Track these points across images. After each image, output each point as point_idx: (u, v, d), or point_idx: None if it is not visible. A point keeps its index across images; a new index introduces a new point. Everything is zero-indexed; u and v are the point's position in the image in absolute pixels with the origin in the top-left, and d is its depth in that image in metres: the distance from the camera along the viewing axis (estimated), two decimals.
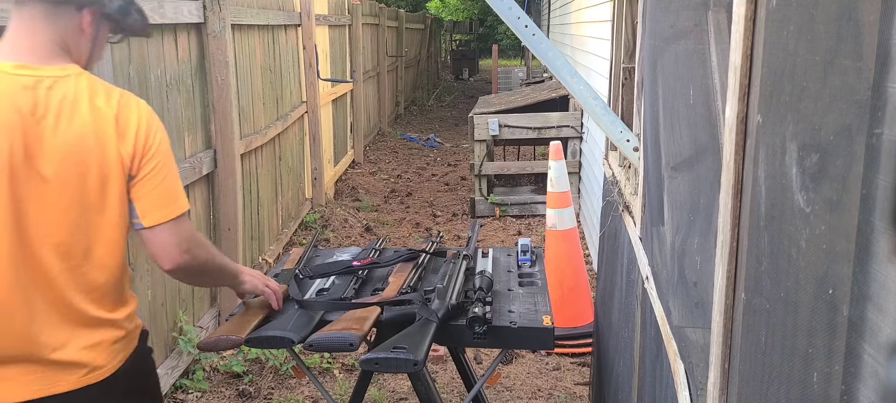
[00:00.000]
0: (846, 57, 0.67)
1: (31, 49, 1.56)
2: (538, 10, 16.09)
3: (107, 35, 1.73)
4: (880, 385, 0.60)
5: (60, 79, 1.57)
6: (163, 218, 1.66)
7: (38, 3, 1.56)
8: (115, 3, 1.67)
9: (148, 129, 1.66)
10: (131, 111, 1.65)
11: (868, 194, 0.61)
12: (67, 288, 1.59)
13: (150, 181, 1.65)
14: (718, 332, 1.07)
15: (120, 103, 1.64)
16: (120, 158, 1.61)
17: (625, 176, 2.64)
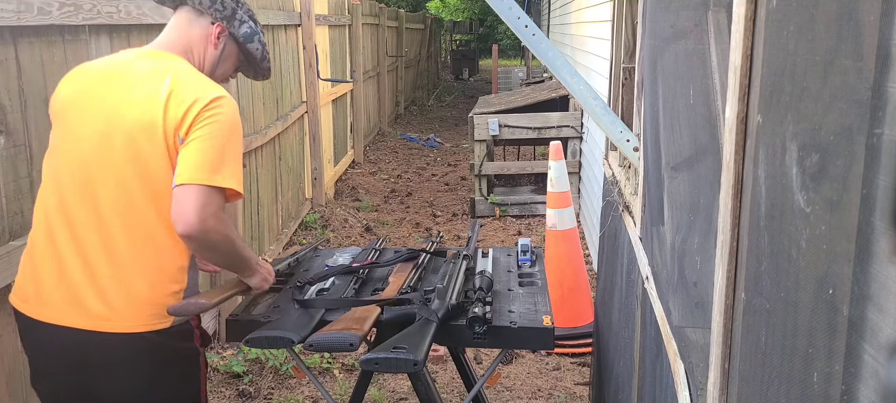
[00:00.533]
0: (846, 57, 0.67)
1: (163, 42, 1.93)
2: (538, 10, 16.09)
3: (234, 56, 2.02)
4: (880, 385, 0.60)
5: (160, 58, 1.86)
6: (190, 180, 1.70)
7: (185, 10, 1.95)
8: (243, 27, 1.97)
9: (202, 106, 1.75)
10: (189, 91, 1.77)
11: (868, 194, 0.61)
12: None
13: (192, 145, 1.74)
14: (718, 332, 1.07)
15: (180, 84, 1.78)
16: (160, 126, 1.74)
17: (625, 176, 2.64)
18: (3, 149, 2.22)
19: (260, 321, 2.09)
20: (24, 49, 2.32)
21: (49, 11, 2.38)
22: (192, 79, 1.82)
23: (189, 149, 1.72)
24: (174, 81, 1.77)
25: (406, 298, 2.11)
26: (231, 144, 1.78)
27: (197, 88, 1.78)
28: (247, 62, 2.07)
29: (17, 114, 2.29)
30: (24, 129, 2.32)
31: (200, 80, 1.83)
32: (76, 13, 2.54)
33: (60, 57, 2.53)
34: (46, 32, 2.44)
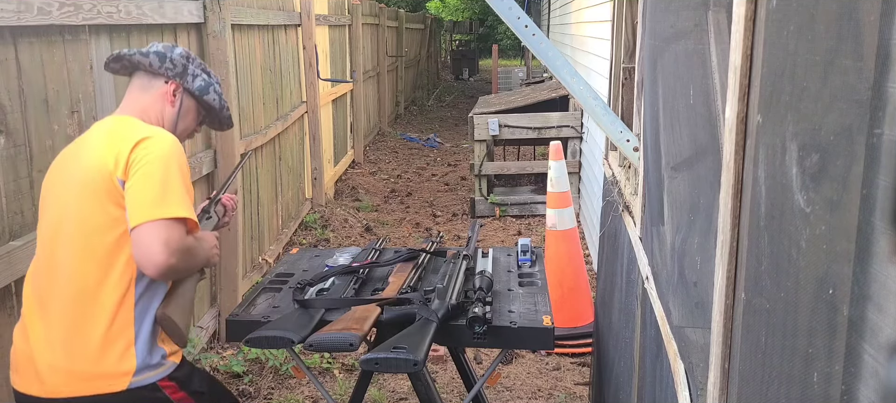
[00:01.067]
0: (846, 57, 0.67)
1: (122, 109, 1.94)
2: (538, 10, 16.09)
3: (194, 110, 2.04)
4: (880, 385, 0.60)
5: (112, 122, 1.89)
6: (142, 220, 1.69)
7: (138, 75, 1.97)
8: (197, 81, 2.00)
9: (130, 147, 1.75)
10: (121, 138, 1.79)
11: (868, 194, 0.61)
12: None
13: (132, 188, 1.73)
14: (718, 332, 1.07)
15: (115, 134, 1.81)
16: (106, 171, 1.75)
17: (625, 176, 2.64)
18: (3, 149, 2.22)
19: (260, 321, 2.09)
20: (24, 49, 2.32)
21: (49, 11, 2.38)
22: (127, 127, 1.83)
23: (131, 192, 1.72)
24: (111, 133, 1.81)
25: (406, 298, 2.11)
26: (169, 174, 1.75)
27: (129, 134, 1.79)
28: (207, 114, 2.09)
29: (17, 114, 2.29)
30: (24, 129, 2.32)
31: (135, 127, 1.83)
32: (76, 13, 2.54)
33: (60, 57, 2.53)
34: (46, 32, 2.44)
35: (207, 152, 3.94)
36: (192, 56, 2.02)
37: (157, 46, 1.96)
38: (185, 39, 3.70)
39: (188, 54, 2.01)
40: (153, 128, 1.84)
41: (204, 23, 3.86)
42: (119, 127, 1.84)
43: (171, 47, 1.98)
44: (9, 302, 2.22)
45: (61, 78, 2.53)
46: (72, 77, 2.60)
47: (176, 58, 1.96)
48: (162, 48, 1.96)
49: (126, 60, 1.94)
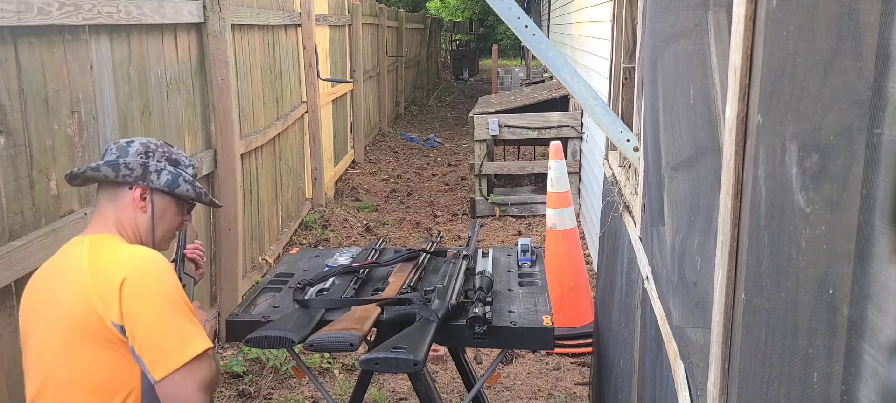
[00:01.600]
0: (846, 57, 0.67)
1: (94, 228, 1.77)
2: (538, 10, 16.09)
3: (171, 209, 1.84)
4: (880, 385, 0.60)
5: (84, 246, 1.70)
6: (168, 370, 1.60)
7: (101, 189, 1.79)
8: (163, 176, 1.80)
9: (126, 286, 1.60)
10: (102, 280, 1.61)
11: (868, 194, 0.61)
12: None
13: (143, 339, 1.60)
14: (718, 332, 1.07)
15: (101, 264, 1.64)
16: (95, 315, 1.59)
17: (625, 176, 2.64)
18: (3, 149, 2.22)
19: (260, 321, 2.09)
20: (24, 49, 2.32)
21: (49, 11, 2.38)
22: (106, 255, 1.67)
23: (146, 344, 1.59)
24: (91, 267, 1.64)
25: (406, 298, 2.11)
26: (176, 307, 1.64)
27: (109, 266, 1.63)
28: (188, 204, 1.90)
29: (17, 114, 2.29)
30: (24, 129, 2.32)
31: (113, 254, 1.67)
32: (76, 13, 2.54)
33: (60, 57, 2.53)
34: (46, 32, 2.44)
35: (207, 152, 3.94)
36: (153, 147, 1.81)
37: (109, 155, 1.77)
38: (185, 39, 3.70)
39: (147, 148, 1.80)
40: (132, 254, 1.68)
41: (204, 23, 3.86)
42: (97, 256, 1.66)
43: (126, 147, 1.78)
44: (9, 301, 2.22)
45: (61, 78, 2.53)
46: (72, 77, 2.60)
47: (131, 161, 1.76)
48: (114, 155, 1.76)
49: (82, 177, 1.77)
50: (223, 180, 4.07)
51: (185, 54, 3.70)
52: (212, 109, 4.00)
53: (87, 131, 2.70)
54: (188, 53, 3.74)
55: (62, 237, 2.33)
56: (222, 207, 4.04)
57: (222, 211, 4.09)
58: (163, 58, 3.41)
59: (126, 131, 3.01)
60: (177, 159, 1.85)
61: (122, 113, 2.98)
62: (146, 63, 3.23)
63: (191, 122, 3.75)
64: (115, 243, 1.71)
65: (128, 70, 3.05)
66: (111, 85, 2.89)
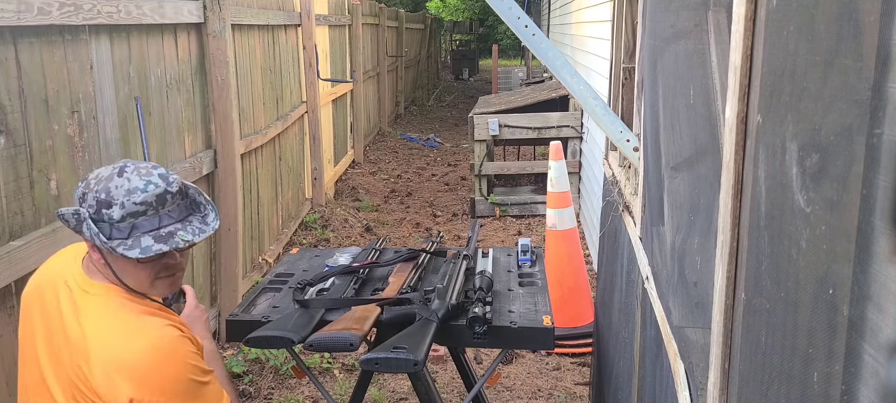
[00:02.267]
0: (846, 57, 0.67)
1: (88, 264, 1.58)
2: (538, 10, 16.08)
3: (131, 264, 1.52)
4: (880, 385, 0.60)
5: (86, 295, 1.54)
6: None
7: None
8: (87, 230, 1.47)
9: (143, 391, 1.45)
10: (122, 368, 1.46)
11: (868, 194, 0.61)
12: None
13: None
14: (718, 332, 1.07)
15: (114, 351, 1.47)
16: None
17: (625, 176, 2.64)
18: (3, 149, 2.22)
19: (260, 321, 2.08)
20: (24, 49, 2.32)
21: (49, 11, 2.38)
22: (106, 352, 1.47)
23: None
24: (93, 354, 1.46)
25: (406, 298, 2.11)
26: (192, 390, 1.51)
27: (111, 379, 1.45)
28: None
29: (17, 114, 2.29)
30: (24, 129, 2.32)
31: (112, 353, 1.47)
32: (76, 13, 2.54)
33: (60, 57, 2.53)
34: (46, 32, 2.44)
35: (207, 152, 3.94)
36: (84, 191, 1.50)
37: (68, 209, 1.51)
38: (185, 39, 3.70)
39: (81, 193, 1.51)
40: (137, 355, 1.46)
41: (204, 23, 3.86)
42: (98, 331, 1.48)
43: (77, 192, 1.53)
44: (9, 301, 2.22)
45: (61, 78, 2.53)
46: (72, 77, 2.60)
47: (67, 214, 1.48)
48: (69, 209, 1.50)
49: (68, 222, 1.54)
50: (223, 180, 4.07)
51: (185, 54, 3.70)
52: (212, 109, 4.00)
53: (87, 131, 2.70)
54: (188, 53, 3.74)
55: (62, 237, 2.33)
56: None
57: (222, 212, 4.09)
58: (163, 58, 3.41)
59: (126, 131, 3.01)
60: (109, 200, 1.47)
61: (122, 113, 2.98)
62: (146, 63, 3.22)
63: (191, 122, 3.75)
64: (114, 307, 1.52)
65: (128, 70, 3.04)
66: (111, 85, 2.89)
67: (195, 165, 3.70)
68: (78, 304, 1.52)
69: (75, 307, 1.52)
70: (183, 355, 1.51)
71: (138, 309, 1.54)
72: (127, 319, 1.50)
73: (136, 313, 1.52)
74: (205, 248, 3.97)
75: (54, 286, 1.57)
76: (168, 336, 1.51)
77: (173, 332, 1.52)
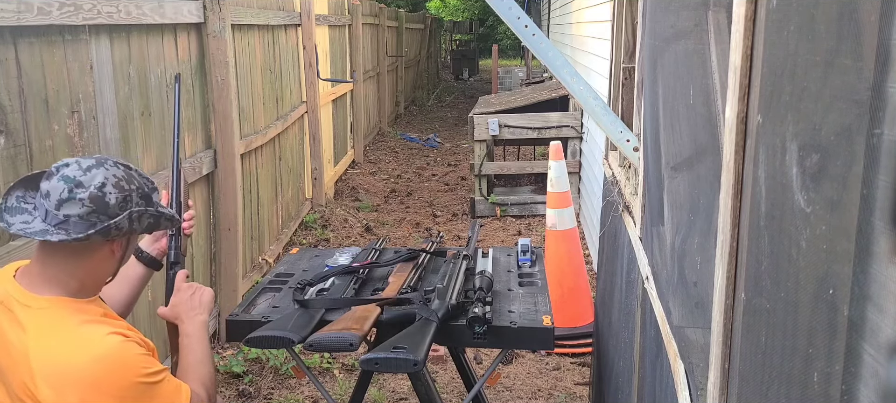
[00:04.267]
0: (846, 57, 0.67)
1: (34, 276, 1.52)
2: (538, 10, 16.09)
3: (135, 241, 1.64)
4: (880, 385, 0.60)
5: (28, 310, 1.49)
6: None
7: (59, 244, 1.46)
8: (144, 222, 1.55)
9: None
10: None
11: (868, 194, 0.61)
12: None
13: None
14: (718, 332, 1.07)
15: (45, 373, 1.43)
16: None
17: (625, 176, 2.64)
18: (3, 149, 2.22)
19: (260, 321, 2.09)
20: (24, 49, 2.32)
21: (49, 11, 2.38)
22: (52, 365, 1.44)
23: None
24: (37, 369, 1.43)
25: (406, 298, 2.11)
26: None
27: (61, 390, 1.42)
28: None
29: (17, 114, 2.29)
30: (23, 129, 2.32)
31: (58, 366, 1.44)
32: (76, 13, 2.54)
33: (60, 57, 2.53)
34: (46, 32, 2.44)
35: (207, 152, 3.94)
36: (126, 188, 1.53)
37: (75, 207, 1.47)
38: (185, 39, 3.70)
39: (122, 198, 1.52)
40: (83, 369, 1.45)
41: (204, 23, 3.86)
42: (44, 347, 1.46)
43: (100, 197, 1.50)
44: None
45: (61, 78, 2.53)
46: (72, 77, 2.60)
47: (121, 221, 1.52)
48: (87, 209, 1.48)
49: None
50: (223, 180, 4.07)
51: (185, 54, 3.70)
52: (212, 109, 4.00)
53: (87, 131, 2.70)
54: (188, 53, 3.74)
55: None
56: (209, 208, 4.04)
57: (222, 212, 4.09)
58: (163, 58, 3.41)
59: (126, 131, 3.01)
60: (148, 193, 1.57)
61: (122, 113, 2.98)
62: (146, 63, 3.22)
63: (191, 122, 3.75)
64: (58, 319, 1.48)
65: (128, 70, 3.04)
66: (111, 85, 2.89)
67: (195, 165, 3.70)
68: (20, 320, 1.47)
69: (17, 324, 1.47)
70: (128, 360, 1.48)
71: (81, 319, 1.50)
72: (70, 331, 1.47)
73: (79, 323, 1.48)
74: (205, 248, 3.97)
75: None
76: (111, 343, 1.47)
77: (116, 339, 1.49)
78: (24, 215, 1.48)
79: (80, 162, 1.48)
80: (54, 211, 1.44)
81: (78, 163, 1.47)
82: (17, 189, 1.51)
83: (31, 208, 1.49)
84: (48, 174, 1.47)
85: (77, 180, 1.45)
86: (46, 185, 1.46)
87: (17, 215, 1.48)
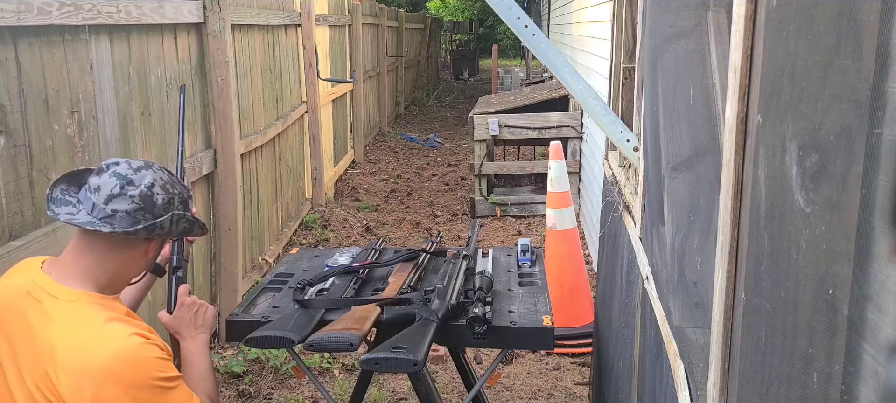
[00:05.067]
0: (846, 57, 0.67)
1: (66, 268, 1.55)
2: (538, 10, 16.08)
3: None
4: (880, 385, 0.60)
5: (57, 301, 1.52)
6: None
7: (101, 236, 1.52)
8: (180, 225, 1.62)
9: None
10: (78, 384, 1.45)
11: (868, 194, 0.61)
12: None
13: None
14: (718, 332, 1.07)
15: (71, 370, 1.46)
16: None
17: (625, 176, 2.64)
18: (3, 149, 2.22)
19: (260, 321, 2.08)
20: (24, 49, 2.32)
21: (49, 11, 2.38)
22: (71, 368, 1.47)
23: None
24: (60, 373, 1.46)
25: (406, 298, 2.11)
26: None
27: (78, 389, 1.46)
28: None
29: (17, 114, 2.29)
30: (23, 129, 2.32)
31: (81, 372, 1.46)
32: (76, 13, 2.54)
33: (60, 57, 2.53)
34: (46, 32, 2.44)
35: (207, 152, 3.94)
36: (170, 192, 1.63)
37: (123, 203, 1.54)
38: (185, 39, 3.70)
39: (169, 198, 1.62)
40: (107, 362, 1.50)
41: (204, 23, 3.86)
42: (76, 336, 1.52)
43: (149, 196, 1.58)
44: None
45: (61, 78, 2.53)
46: (72, 77, 2.60)
47: (164, 221, 1.60)
48: (135, 206, 1.56)
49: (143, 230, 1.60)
50: (223, 180, 4.07)
51: (185, 54, 3.70)
52: (212, 109, 4.00)
53: (87, 131, 2.70)
54: (188, 53, 3.74)
55: (62, 237, 2.33)
56: (209, 208, 4.04)
57: (222, 212, 4.09)
58: (163, 58, 3.41)
59: (126, 131, 3.01)
60: (186, 198, 1.66)
61: (122, 113, 2.98)
62: (146, 63, 3.22)
63: (191, 122, 3.75)
64: (85, 314, 1.52)
65: (128, 70, 3.04)
66: (111, 85, 2.89)
67: (195, 165, 3.70)
68: (47, 311, 1.51)
69: (44, 314, 1.51)
70: (146, 360, 1.51)
71: (108, 316, 1.53)
72: (96, 326, 1.51)
73: (105, 320, 1.52)
74: (205, 248, 3.97)
75: (16, 299, 1.55)
76: (132, 342, 1.51)
77: (137, 339, 1.52)
78: (68, 206, 1.55)
79: (130, 162, 1.57)
80: (103, 205, 1.51)
81: (128, 163, 1.56)
82: (62, 182, 1.58)
83: (75, 201, 1.56)
84: (99, 170, 1.55)
85: (128, 178, 1.53)
86: (97, 180, 1.53)
87: (62, 205, 1.55)
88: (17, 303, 1.54)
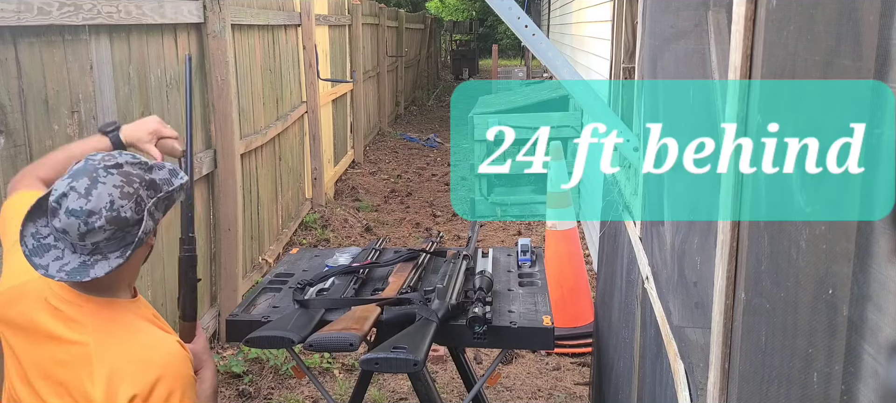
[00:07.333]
0: (846, 57, 0.67)
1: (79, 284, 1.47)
2: (538, 10, 16.08)
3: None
4: (880, 385, 0.60)
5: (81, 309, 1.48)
6: None
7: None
8: (160, 211, 1.52)
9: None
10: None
11: (868, 194, 0.61)
12: None
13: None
14: (718, 332, 1.07)
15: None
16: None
17: (625, 176, 2.64)
18: (4, 149, 2.22)
19: (260, 321, 2.09)
20: (24, 49, 2.32)
21: (49, 11, 2.38)
22: (112, 370, 1.44)
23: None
24: (96, 374, 1.43)
25: (406, 298, 2.11)
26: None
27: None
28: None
29: (17, 114, 2.29)
30: (24, 129, 2.32)
31: (120, 374, 1.44)
32: (76, 13, 2.54)
33: (60, 57, 2.53)
34: (46, 32, 2.44)
35: (207, 152, 3.94)
36: (142, 192, 1.51)
37: (106, 219, 1.42)
38: (185, 39, 3.70)
39: (137, 200, 1.49)
40: (155, 356, 1.53)
41: (204, 23, 3.86)
42: (117, 339, 1.50)
43: (116, 211, 1.45)
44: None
45: (61, 78, 2.53)
46: (72, 77, 2.60)
47: (149, 226, 1.52)
48: (126, 214, 1.45)
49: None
50: (223, 180, 4.07)
51: (185, 54, 3.70)
52: (211, 109, 4.00)
53: (87, 131, 2.70)
54: (188, 53, 3.73)
55: None
56: (209, 208, 4.04)
57: (222, 212, 4.09)
58: (163, 58, 3.41)
59: None
60: (148, 180, 1.49)
61: (122, 113, 2.98)
62: (146, 63, 3.22)
63: None
64: (121, 320, 1.50)
65: (128, 70, 3.04)
66: (111, 85, 2.89)
67: (195, 165, 3.69)
68: (75, 317, 1.47)
69: (71, 321, 1.47)
70: (187, 360, 1.55)
71: (143, 324, 1.54)
72: (140, 331, 1.52)
73: (145, 327, 1.53)
74: (205, 248, 3.97)
75: (30, 306, 1.50)
76: (179, 352, 1.53)
77: (182, 350, 1.55)
78: (51, 252, 1.42)
79: (74, 186, 1.39)
80: (80, 243, 1.40)
81: (74, 190, 1.39)
82: (27, 227, 1.44)
83: (51, 240, 1.42)
84: (52, 211, 1.40)
85: (86, 210, 1.38)
86: (59, 224, 1.39)
87: (45, 255, 1.41)
88: (29, 311, 1.50)
